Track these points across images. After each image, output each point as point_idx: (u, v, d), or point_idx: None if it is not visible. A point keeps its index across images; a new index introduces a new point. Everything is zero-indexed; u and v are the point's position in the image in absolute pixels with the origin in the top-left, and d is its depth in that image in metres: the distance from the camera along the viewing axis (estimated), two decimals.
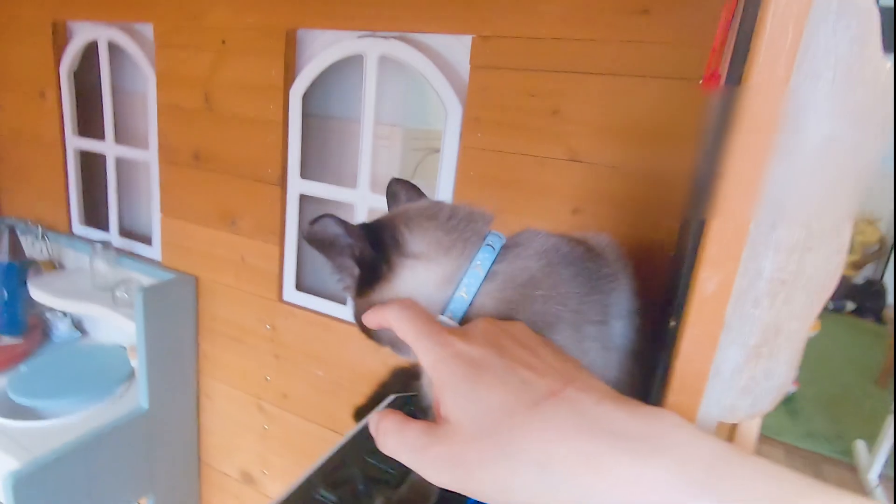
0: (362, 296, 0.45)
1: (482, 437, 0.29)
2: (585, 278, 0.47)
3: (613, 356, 0.49)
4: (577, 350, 0.47)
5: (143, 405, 1.20)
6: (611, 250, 0.53)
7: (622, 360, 0.50)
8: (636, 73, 0.70)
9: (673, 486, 0.24)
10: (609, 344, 0.49)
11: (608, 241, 0.54)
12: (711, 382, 0.38)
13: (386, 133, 1.06)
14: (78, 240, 1.43)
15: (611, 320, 0.48)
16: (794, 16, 0.32)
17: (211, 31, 1.08)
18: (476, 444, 0.29)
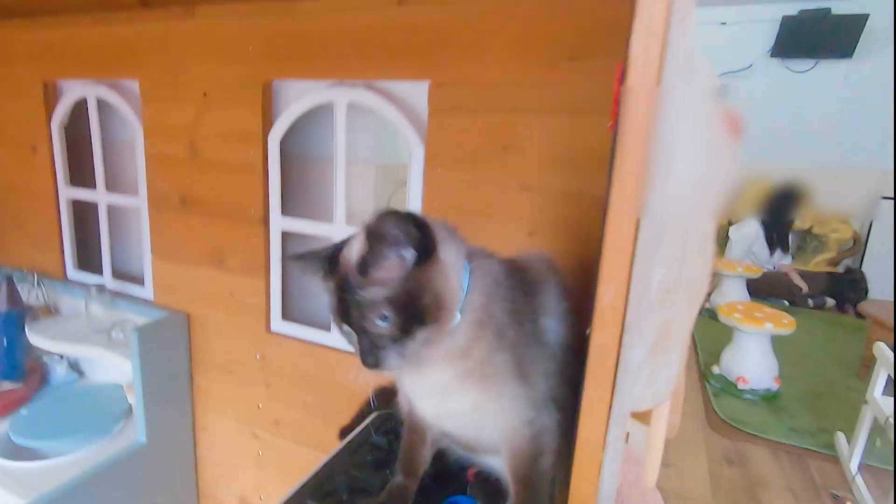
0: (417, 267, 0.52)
1: None
2: (518, 284, 0.59)
3: (546, 349, 0.60)
4: (524, 342, 0.57)
5: (142, 440, 1.25)
6: (540, 263, 0.64)
7: (557, 351, 0.61)
8: (570, 110, 0.80)
9: None
10: (542, 338, 0.60)
11: (540, 256, 0.66)
12: (621, 377, 0.46)
13: (359, 171, 1.15)
14: (73, 285, 1.49)
15: (539, 318, 0.60)
16: (650, 77, 0.40)
17: (193, 84, 1.17)
18: None
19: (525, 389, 0.58)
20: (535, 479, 0.60)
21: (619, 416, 0.47)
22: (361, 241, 0.51)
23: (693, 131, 0.40)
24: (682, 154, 0.40)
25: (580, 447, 0.47)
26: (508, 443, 0.61)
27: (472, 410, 0.59)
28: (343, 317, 0.52)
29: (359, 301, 0.50)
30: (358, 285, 0.50)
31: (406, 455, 0.70)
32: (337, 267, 0.53)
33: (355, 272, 0.51)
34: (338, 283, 0.52)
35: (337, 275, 0.53)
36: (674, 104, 0.40)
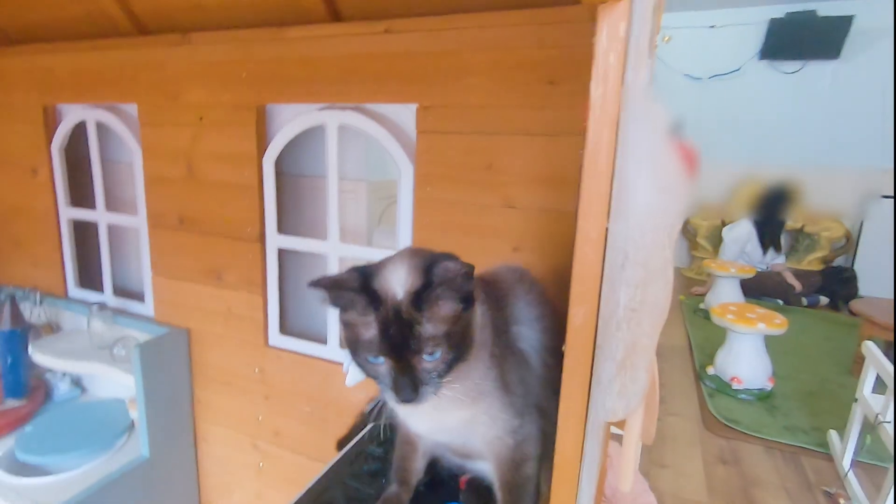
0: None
1: None
2: (492, 300, 0.62)
3: (520, 356, 0.64)
4: (503, 353, 0.62)
5: (144, 454, 1.29)
6: (510, 274, 0.68)
7: (534, 356, 0.65)
8: (549, 132, 0.84)
9: None
10: (516, 346, 0.64)
11: (512, 268, 0.70)
12: (594, 390, 0.50)
13: (352, 188, 1.19)
14: (74, 302, 1.53)
15: (511, 328, 0.64)
16: (607, 122, 0.44)
17: (189, 108, 1.20)
18: None
19: (509, 399, 0.61)
20: (520, 485, 0.64)
21: (594, 427, 0.51)
22: (411, 276, 0.52)
23: (650, 167, 0.43)
24: (641, 188, 0.44)
25: (559, 456, 0.51)
26: (493, 451, 0.64)
27: (463, 424, 0.62)
28: (389, 351, 0.51)
29: (417, 335, 0.51)
30: (415, 320, 0.51)
31: (399, 465, 0.73)
32: (378, 299, 0.52)
33: (409, 306, 0.51)
34: (384, 316, 0.51)
35: (382, 307, 0.52)
36: (631, 144, 0.44)
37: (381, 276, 0.54)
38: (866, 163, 4.04)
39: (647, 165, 0.44)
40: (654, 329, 0.48)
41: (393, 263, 0.55)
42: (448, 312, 0.53)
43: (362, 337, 0.53)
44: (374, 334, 0.52)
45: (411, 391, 0.51)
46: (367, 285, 0.53)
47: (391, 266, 0.55)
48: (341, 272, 0.56)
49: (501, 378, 0.61)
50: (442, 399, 0.58)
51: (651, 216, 0.45)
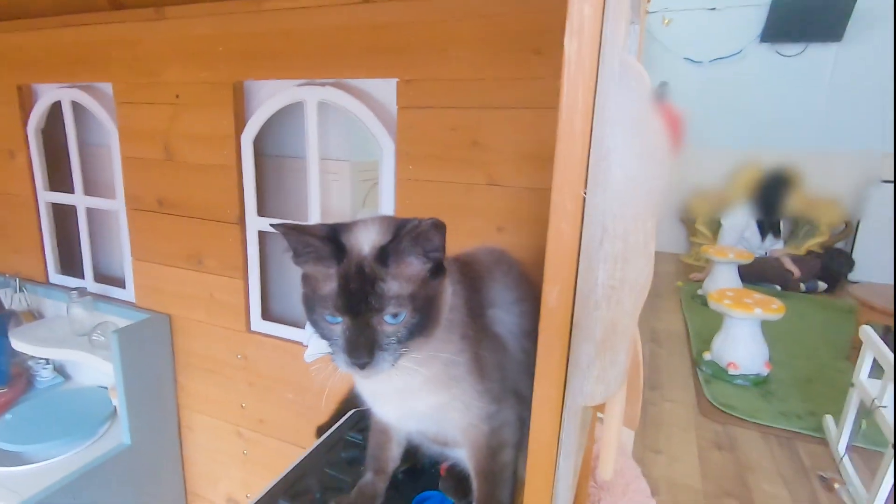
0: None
1: None
2: (469, 281, 0.60)
3: (497, 340, 0.61)
4: (479, 337, 0.59)
5: (127, 442, 1.26)
6: (488, 256, 0.66)
7: (512, 340, 0.62)
8: (536, 105, 0.80)
9: None
10: (492, 329, 0.61)
11: (490, 249, 0.68)
12: (572, 374, 0.47)
13: (335, 168, 1.15)
14: (55, 288, 1.49)
15: (487, 311, 0.61)
16: (583, 80, 0.40)
17: (165, 87, 1.16)
18: None
19: (484, 385, 0.58)
20: (496, 473, 0.61)
21: (571, 412, 0.48)
22: (380, 232, 0.50)
23: (630, 134, 0.40)
24: (619, 157, 0.40)
25: (534, 443, 0.48)
26: (468, 438, 0.61)
27: (434, 410, 0.59)
28: (347, 307, 0.48)
29: (379, 292, 0.48)
30: (378, 276, 0.48)
31: (374, 453, 0.71)
32: (344, 252, 0.49)
33: (372, 261, 0.48)
34: (346, 269, 0.48)
35: (345, 261, 0.49)
36: (611, 106, 0.40)
37: (349, 231, 0.52)
38: (866, 147, 3.99)
39: (628, 130, 0.41)
40: (634, 308, 0.45)
41: (364, 221, 0.53)
42: (414, 272, 0.50)
43: (320, 291, 0.50)
44: (333, 288, 0.49)
45: (366, 353, 0.47)
46: (333, 237, 0.50)
47: (362, 223, 0.53)
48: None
49: (475, 362, 0.58)
50: (410, 384, 0.55)
51: (632, 186, 0.41)
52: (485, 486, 0.61)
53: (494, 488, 0.61)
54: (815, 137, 4.17)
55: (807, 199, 4.26)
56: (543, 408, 0.47)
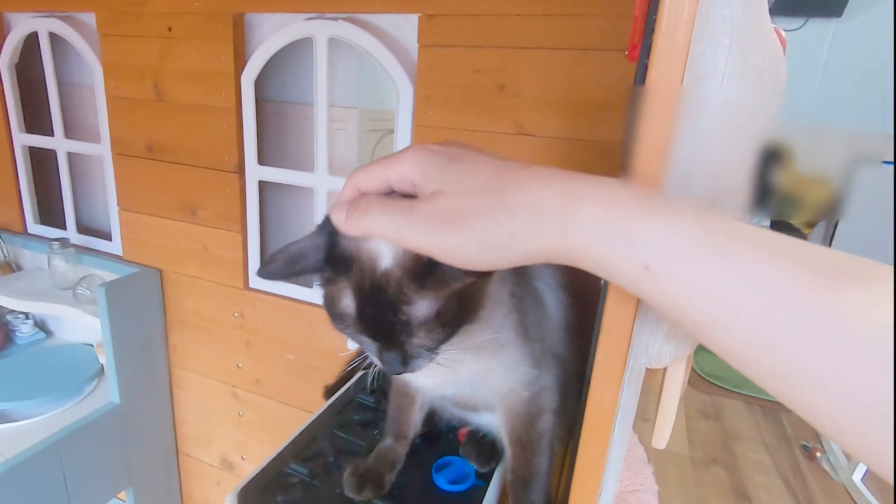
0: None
1: (476, 194, 0.31)
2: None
3: (536, 294, 0.56)
4: (524, 289, 0.53)
5: (115, 400, 1.20)
6: None
7: (550, 293, 0.57)
8: (575, 46, 0.73)
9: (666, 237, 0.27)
10: (530, 283, 0.56)
11: None
12: (638, 332, 0.42)
13: (341, 116, 1.07)
14: (34, 239, 1.40)
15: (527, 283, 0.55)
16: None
17: (155, 17, 1.06)
18: (471, 199, 0.31)
19: (529, 347, 0.53)
20: (534, 441, 0.57)
21: (633, 375, 0.43)
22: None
23: (740, 43, 0.34)
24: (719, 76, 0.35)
25: (591, 410, 0.44)
26: (505, 405, 0.57)
27: (475, 376, 0.54)
28: (368, 332, 0.40)
29: (404, 319, 0.38)
30: (403, 299, 0.37)
31: (395, 417, 0.66)
32: (353, 268, 0.38)
33: (402, 281, 0.37)
34: (359, 284, 0.38)
35: (356, 272, 0.38)
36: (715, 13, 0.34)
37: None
38: (860, 125, 3.99)
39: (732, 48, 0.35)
40: None
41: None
42: (456, 287, 0.38)
43: (337, 307, 0.41)
44: (349, 306, 0.39)
45: (400, 365, 0.40)
46: (334, 248, 0.39)
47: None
48: (300, 239, 0.40)
49: (521, 323, 0.52)
50: (456, 357, 0.47)
51: (731, 116, 0.36)
52: (521, 454, 0.57)
53: (532, 456, 0.57)
54: (809, 113, 4.16)
55: (795, 175, 4.27)
56: (605, 369, 0.43)
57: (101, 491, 1.23)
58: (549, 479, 0.58)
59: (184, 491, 1.45)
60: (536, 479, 0.56)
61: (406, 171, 0.33)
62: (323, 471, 0.66)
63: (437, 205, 0.32)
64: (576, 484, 0.45)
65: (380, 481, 0.62)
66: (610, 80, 0.73)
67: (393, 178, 0.34)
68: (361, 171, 0.36)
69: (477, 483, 0.65)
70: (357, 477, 0.61)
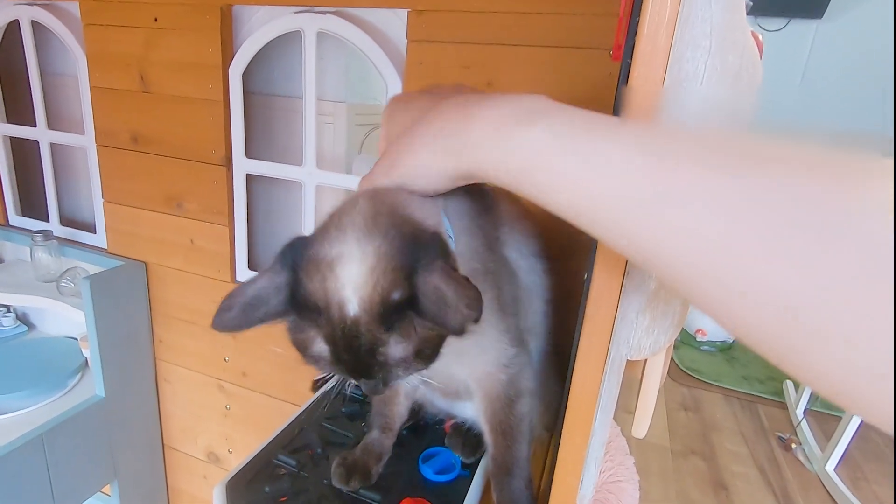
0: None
1: (402, 136, 0.37)
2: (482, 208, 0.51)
3: (509, 264, 0.55)
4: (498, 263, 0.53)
5: (100, 394, 1.20)
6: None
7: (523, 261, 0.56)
8: (561, 44, 0.74)
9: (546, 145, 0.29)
10: (503, 255, 0.54)
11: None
12: (619, 325, 0.43)
13: (330, 110, 1.07)
14: (15, 231, 1.38)
15: (499, 231, 0.54)
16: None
17: (141, 7, 1.04)
18: (399, 142, 0.38)
19: (505, 323, 0.52)
20: (514, 426, 0.56)
21: (614, 366, 0.45)
22: (375, 279, 0.35)
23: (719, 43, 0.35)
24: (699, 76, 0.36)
25: (573, 396, 0.45)
26: (482, 388, 0.56)
27: (453, 358, 0.55)
28: (344, 372, 0.38)
29: (381, 360, 0.37)
30: (378, 343, 0.36)
31: (380, 410, 0.67)
32: (321, 316, 0.36)
33: (372, 327, 0.35)
34: (329, 332, 0.36)
35: (330, 329, 0.36)
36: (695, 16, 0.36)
37: (322, 270, 0.36)
38: (841, 125, 4.07)
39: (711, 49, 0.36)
40: None
41: (342, 245, 0.36)
42: (425, 334, 0.37)
43: (308, 351, 0.39)
44: (321, 351, 0.38)
45: (376, 389, 0.39)
46: (297, 292, 0.36)
47: (339, 251, 0.36)
48: (253, 279, 0.38)
49: (497, 299, 0.50)
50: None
51: (709, 114, 0.37)
52: (501, 441, 0.56)
53: (512, 443, 0.56)
54: (790, 114, 4.23)
55: None
56: (588, 359, 0.44)
57: (86, 485, 1.22)
58: (529, 466, 0.58)
59: (170, 484, 1.45)
60: (517, 467, 0.56)
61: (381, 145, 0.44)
62: (311, 462, 0.67)
63: (383, 159, 0.40)
64: (559, 470, 0.46)
65: (367, 472, 0.63)
66: (596, 79, 0.75)
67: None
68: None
69: (462, 473, 0.66)
70: (344, 468, 0.62)
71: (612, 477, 0.77)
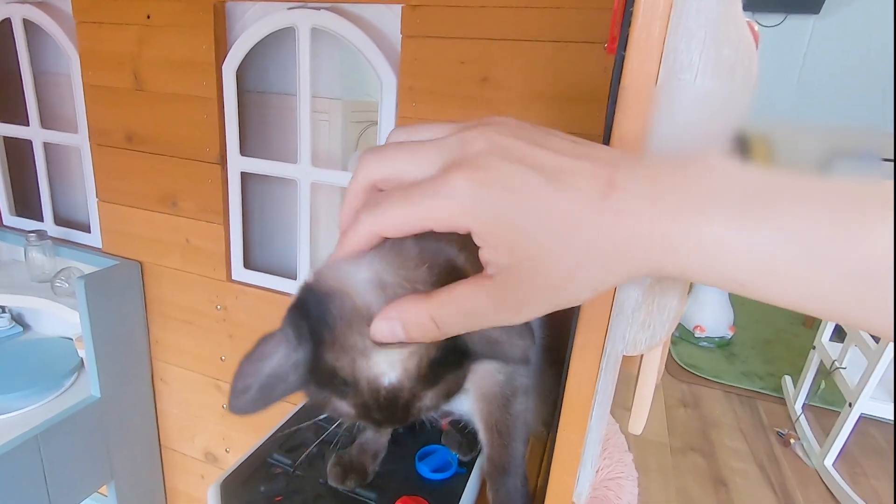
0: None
1: (546, 271, 0.25)
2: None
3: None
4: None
5: (95, 394, 1.19)
6: None
7: None
8: (557, 38, 0.74)
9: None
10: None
11: None
12: (615, 320, 0.43)
13: (325, 107, 1.06)
14: (9, 231, 1.37)
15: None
16: None
17: (133, 4, 1.04)
18: (549, 268, 0.25)
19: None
20: (510, 425, 0.55)
21: (610, 361, 0.45)
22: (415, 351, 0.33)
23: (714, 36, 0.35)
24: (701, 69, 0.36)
25: (569, 393, 0.45)
26: (479, 386, 0.56)
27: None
28: (379, 428, 0.37)
29: (415, 412, 0.35)
30: (415, 401, 0.34)
31: None
32: (349, 388, 0.33)
33: (414, 390, 0.33)
34: (361, 402, 0.34)
35: (361, 400, 0.34)
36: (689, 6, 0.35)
37: (352, 354, 0.32)
38: (838, 120, 4.08)
39: (706, 40, 0.36)
40: None
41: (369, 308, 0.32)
42: (466, 372, 0.36)
43: (329, 408, 0.36)
44: (348, 413, 0.35)
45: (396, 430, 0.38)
46: (318, 367, 0.33)
47: (367, 315, 0.31)
48: (264, 351, 0.34)
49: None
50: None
51: (705, 108, 0.37)
52: (497, 439, 0.56)
53: (508, 441, 0.56)
54: (787, 109, 4.23)
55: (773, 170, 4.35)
56: (583, 355, 0.44)
57: (83, 485, 1.21)
58: (524, 464, 0.57)
59: (167, 485, 1.44)
60: (513, 465, 0.56)
61: (453, 217, 0.25)
62: (306, 461, 0.67)
63: (509, 293, 0.26)
64: (555, 468, 0.46)
65: (363, 471, 0.63)
66: (592, 73, 0.74)
67: (431, 223, 0.26)
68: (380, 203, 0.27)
69: (459, 471, 0.66)
70: (340, 467, 0.62)
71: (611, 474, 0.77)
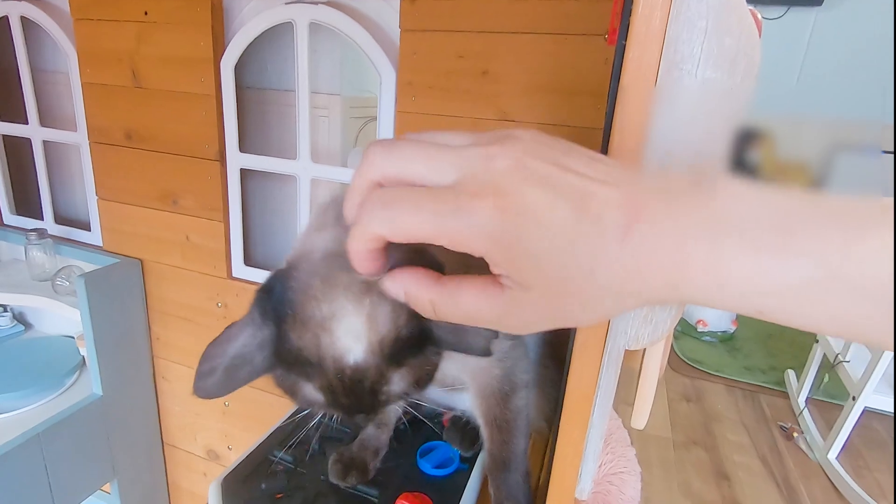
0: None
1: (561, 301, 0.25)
2: None
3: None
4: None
5: (97, 392, 1.19)
6: None
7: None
8: (557, 30, 0.73)
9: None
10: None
11: None
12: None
13: (324, 103, 1.06)
14: (9, 230, 1.37)
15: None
16: None
17: (131, 1, 1.03)
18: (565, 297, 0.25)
19: None
20: (510, 421, 0.55)
21: (612, 357, 0.44)
22: (378, 323, 0.32)
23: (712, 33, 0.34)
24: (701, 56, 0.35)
25: (571, 388, 0.44)
26: (477, 382, 0.56)
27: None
28: (350, 413, 0.36)
29: (384, 399, 0.35)
30: (382, 382, 0.34)
31: None
32: (315, 368, 0.33)
33: (380, 368, 0.33)
34: (327, 383, 0.34)
35: (327, 380, 0.33)
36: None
37: (312, 329, 0.32)
38: (840, 113, 4.05)
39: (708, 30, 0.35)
40: None
41: (332, 303, 0.32)
42: (435, 359, 0.36)
43: (298, 394, 0.36)
44: (316, 398, 0.35)
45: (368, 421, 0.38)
46: (283, 347, 0.33)
47: (330, 310, 0.32)
48: (230, 334, 0.34)
49: None
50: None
51: (706, 99, 0.36)
52: (498, 435, 0.56)
53: (509, 437, 0.56)
54: (789, 102, 4.21)
55: (775, 163, 4.34)
56: (585, 350, 0.43)
57: (85, 483, 1.22)
58: (527, 459, 0.57)
59: (170, 482, 1.44)
60: (514, 461, 0.56)
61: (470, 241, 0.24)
62: (307, 458, 0.67)
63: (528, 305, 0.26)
64: (557, 463, 0.45)
65: (364, 467, 0.62)
66: (593, 65, 0.74)
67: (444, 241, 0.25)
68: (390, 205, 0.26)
69: (461, 467, 0.65)
70: (342, 464, 0.62)
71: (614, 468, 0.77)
